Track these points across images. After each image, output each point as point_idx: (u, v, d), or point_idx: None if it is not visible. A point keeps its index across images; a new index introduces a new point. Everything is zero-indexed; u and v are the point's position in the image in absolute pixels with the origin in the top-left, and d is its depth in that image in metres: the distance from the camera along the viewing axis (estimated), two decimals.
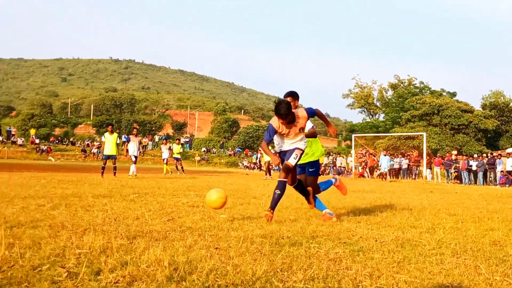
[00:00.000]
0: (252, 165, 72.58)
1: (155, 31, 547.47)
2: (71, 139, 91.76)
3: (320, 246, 5.76)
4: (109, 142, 24.03)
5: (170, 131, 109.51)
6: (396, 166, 46.12)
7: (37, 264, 4.20)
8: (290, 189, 8.57)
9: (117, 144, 24.57)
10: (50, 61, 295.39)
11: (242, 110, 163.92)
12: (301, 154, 8.39)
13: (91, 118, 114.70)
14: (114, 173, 24.39)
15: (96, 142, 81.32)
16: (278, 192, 8.27)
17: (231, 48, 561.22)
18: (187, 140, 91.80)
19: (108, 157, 24.37)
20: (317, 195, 9.03)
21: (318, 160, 9.21)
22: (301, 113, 8.22)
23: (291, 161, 8.16)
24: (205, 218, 8.07)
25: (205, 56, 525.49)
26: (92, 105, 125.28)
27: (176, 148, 32.60)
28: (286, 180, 8.35)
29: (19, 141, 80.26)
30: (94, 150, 76.33)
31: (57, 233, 5.86)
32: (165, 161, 32.57)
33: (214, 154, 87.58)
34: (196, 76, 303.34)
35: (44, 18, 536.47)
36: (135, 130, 29.74)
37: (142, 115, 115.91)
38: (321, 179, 9.55)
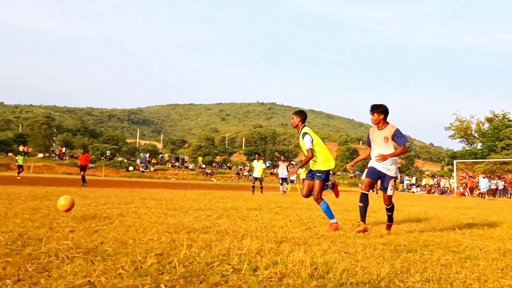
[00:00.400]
0: None
1: (292, 79, 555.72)
2: (228, 164, 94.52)
3: (432, 253, 5.58)
4: (258, 167, 24.62)
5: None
6: (493, 186, 43.80)
7: (209, 261, 4.36)
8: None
9: (263, 169, 24.98)
10: (213, 105, 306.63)
11: (361, 141, 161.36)
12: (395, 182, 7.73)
13: (243, 148, 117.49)
14: (261, 191, 24.77)
15: (247, 167, 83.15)
16: (361, 204, 7.62)
17: (353, 90, 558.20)
18: None
19: (256, 178, 24.84)
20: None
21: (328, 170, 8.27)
22: (391, 126, 7.67)
23: (389, 192, 7.60)
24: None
25: (330, 97, 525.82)
26: (243, 138, 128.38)
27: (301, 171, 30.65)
28: (367, 192, 7.60)
29: (190, 166, 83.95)
30: (246, 173, 78.09)
31: (222, 237, 6.05)
32: (290, 181, 30.75)
33: (338, 176, 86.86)
34: (323, 114, 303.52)
35: (209, 72, 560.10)
36: (283, 157, 29.89)
37: (282, 145, 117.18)
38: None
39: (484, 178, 42.95)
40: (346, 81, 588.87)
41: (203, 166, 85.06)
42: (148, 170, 75.85)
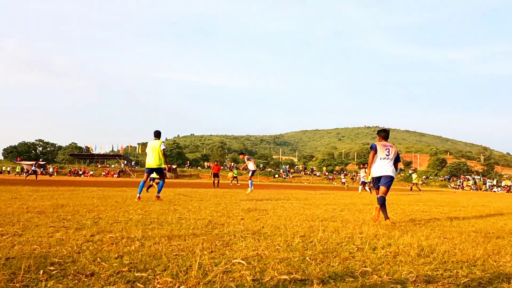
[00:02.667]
0: (457, 186, 65.09)
1: (391, 106, 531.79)
2: (344, 172, 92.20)
3: None
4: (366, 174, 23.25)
5: (402, 166, 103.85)
6: None
7: (339, 242, 4.24)
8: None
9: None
10: (332, 129, 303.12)
11: (448, 152, 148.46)
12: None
13: (355, 160, 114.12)
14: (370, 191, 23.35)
15: (359, 173, 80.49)
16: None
17: (440, 112, 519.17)
18: (413, 170, 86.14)
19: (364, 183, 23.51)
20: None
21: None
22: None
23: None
24: (432, 219, 7.41)
25: (421, 119, 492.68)
26: (355, 153, 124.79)
27: None
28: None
29: (317, 174, 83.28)
30: (357, 178, 75.60)
31: (346, 224, 5.87)
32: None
33: (431, 180, 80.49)
34: (416, 133, 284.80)
35: (329, 105, 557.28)
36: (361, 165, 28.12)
37: None
38: None
39: None
40: (436, 107, 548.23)
41: (326, 173, 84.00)
42: (288, 177, 76.56)
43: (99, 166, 78.02)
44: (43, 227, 4.58)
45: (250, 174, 16.12)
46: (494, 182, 60.27)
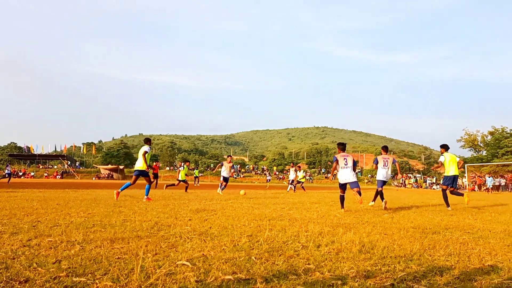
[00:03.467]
0: (399, 184, 68.34)
1: (339, 108, 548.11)
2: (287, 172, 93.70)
3: (452, 234, 5.23)
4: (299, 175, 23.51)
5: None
6: (497, 183, 40.78)
7: (285, 240, 4.31)
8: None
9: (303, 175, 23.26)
10: (282, 129, 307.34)
11: (391, 152, 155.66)
12: None
13: (305, 160, 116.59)
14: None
15: (308, 172, 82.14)
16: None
17: (385, 114, 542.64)
18: (359, 170, 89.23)
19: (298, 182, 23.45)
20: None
21: None
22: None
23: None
24: (374, 216, 7.73)
25: (367, 120, 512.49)
26: (305, 153, 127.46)
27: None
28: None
29: (268, 173, 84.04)
30: (308, 177, 77.11)
31: (293, 223, 5.97)
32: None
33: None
34: (363, 133, 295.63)
35: (279, 106, 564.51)
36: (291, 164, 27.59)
37: (332, 157, 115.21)
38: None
39: (489, 177, 40.82)
40: (381, 108, 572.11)
41: (277, 173, 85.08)
42: (239, 176, 76.70)
43: (40, 167, 74.04)
44: None
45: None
46: (434, 180, 63.83)
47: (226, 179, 16.66)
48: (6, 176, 28.06)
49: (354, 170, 8.89)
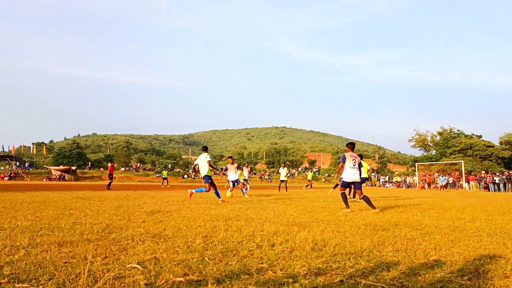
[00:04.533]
0: None
1: (297, 108, 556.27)
2: (254, 171, 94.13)
3: (400, 231, 5.44)
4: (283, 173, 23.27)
5: (307, 165, 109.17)
6: (445, 181, 42.88)
7: (240, 240, 4.33)
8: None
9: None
10: (241, 129, 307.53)
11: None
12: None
13: (264, 159, 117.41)
14: (286, 188, 23.52)
15: (267, 172, 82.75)
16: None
17: (343, 115, 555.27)
18: (317, 169, 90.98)
19: (283, 181, 23.16)
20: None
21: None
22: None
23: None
24: (330, 214, 7.91)
25: (324, 120, 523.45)
26: (264, 152, 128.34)
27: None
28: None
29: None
30: (266, 177, 77.60)
31: (249, 223, 6.00)
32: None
33: (333, 177, 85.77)
34: (320, 133, 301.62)
35: (238, 106, 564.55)
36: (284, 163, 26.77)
37: (291, 156, 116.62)
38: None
39: (442, 176, 42.99)
40: (337, 109, 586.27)
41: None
42: (198, 177, 76.00)
43: None
44: None
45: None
46: (387, 179, 66.14)
47: (234, 182, 15.86)
48: None
49: (360, 172, 9.00)
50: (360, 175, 9.07)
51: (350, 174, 8.84)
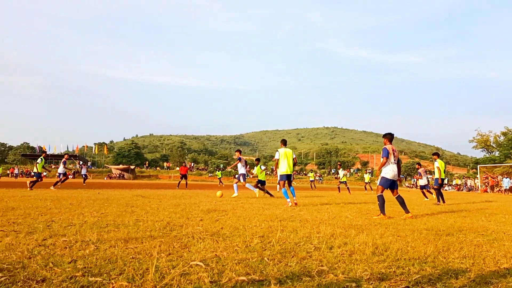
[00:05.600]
0: (411, 185, 67.80)
1: (349, 108, 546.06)
2: (304, 172, 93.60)
3: (466, 236, 5.16)
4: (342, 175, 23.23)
5: (359, 166, 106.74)
6: (510, 185, 40.18)
7: (297, 242, 4.30)
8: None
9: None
10: (291, 130, 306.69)
11: (403, 152, 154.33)
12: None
13: (314, 160, 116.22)
14: (348, 190, 22.90)
15: (318, 173, 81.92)
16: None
17: (396, 114, 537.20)
18: (370, 171, 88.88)
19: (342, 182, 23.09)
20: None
21: None
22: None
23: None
24: (387, 217, 7.66)
25: (378, 120, 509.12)
26: (314, 153, 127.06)
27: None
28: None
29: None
30: (317, 178, 76.84)
31: (304, 224, 5.96)
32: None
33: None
34: (373, 133, 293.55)
35: (289, 106, 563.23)
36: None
37: (343, 157, 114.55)
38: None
39: (506, 178, 40.25)
40: (391, 108, 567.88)
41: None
42: (249, 177, 76.75)
43: (53, 167, 74.85)
44: None
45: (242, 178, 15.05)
46: (446, 181, 63.28)
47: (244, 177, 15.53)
48: (83, 176, 27.20)
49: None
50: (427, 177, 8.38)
51: (392, 170, 7.76)
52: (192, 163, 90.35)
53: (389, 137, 8.05)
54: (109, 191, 16.41)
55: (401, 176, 12.90)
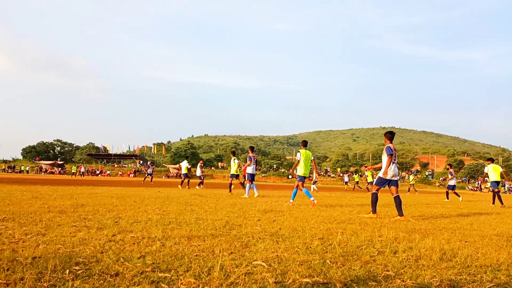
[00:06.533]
0: (475, 188, 64.11)
1: (407, 107, 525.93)
2: (359, 174, 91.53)
3: None
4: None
5: (418, 168, 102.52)
6: None
7: (358, 245, 4.21)
8: None
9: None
10: (346, 130, 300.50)
11: (465, 154, 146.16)
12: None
13: (370, 161, 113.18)
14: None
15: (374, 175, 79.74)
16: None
17: (457, 114, 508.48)
18: (430, 173, 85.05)
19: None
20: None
21: None
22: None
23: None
24: (452, 222, 7.30)
25: (438, 120, 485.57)
26: (370, 154, 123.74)
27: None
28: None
29: (332, 175, 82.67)
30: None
31: (364, 227, 5.82)
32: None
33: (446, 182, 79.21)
34: (433, 134, 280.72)
35: (342, 105, 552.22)
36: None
37: (401, 158, 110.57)
38: None
39: None
40: (453, 107, 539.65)
41: (341, 174, 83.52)
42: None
43: (115, 165, 78.94)
44: (65, 227, 4.66)
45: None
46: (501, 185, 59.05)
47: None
48: (148, 175, 29.89)
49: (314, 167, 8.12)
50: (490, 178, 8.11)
51: (392, 170, 7.66)
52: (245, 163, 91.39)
53: (389, 136, 7.87)
54: (168, 190, 17.01)
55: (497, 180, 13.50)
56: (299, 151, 10.34)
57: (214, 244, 3.89)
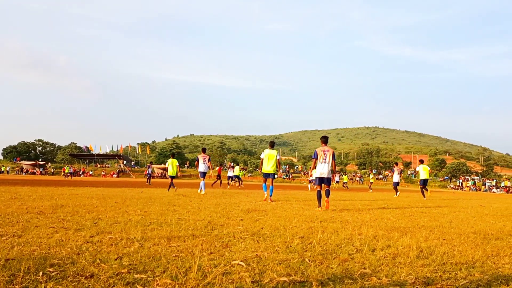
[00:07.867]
0: (456, 187, 65.19)
1: (391, 107, 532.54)
2: (344, 172, 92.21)
3: None
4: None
5: (401, 167, 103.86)
6: None
7: (338, 243, 4.24)
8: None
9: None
10: (331, 130, 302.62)
11: (447, 153, 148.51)
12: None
13: (354, 160, 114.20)
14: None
15: (358, 174, 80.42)
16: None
17: (440, 113, 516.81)
18: (413, 172, 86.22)
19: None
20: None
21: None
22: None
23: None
24: (431, 220, 7.41)
25: (421, 119, 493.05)
26: (355, 153, 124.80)
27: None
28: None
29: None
30: (358, 179, 75.50)
31: (345, 226, 5.87)
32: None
33: (430, 180, 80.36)
34: (416, 133, 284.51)
35: (329, 106, 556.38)
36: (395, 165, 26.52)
37: (384, 158, 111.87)
38: None
39: None
40: (436, 107, 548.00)
41: None
42: (287, 177, 76.46)
43: (98, 166, 77.91)
44: (42, 228, 4.59)
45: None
46: (494, 183, 60.29)
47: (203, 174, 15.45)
48: (148, 175, 29.91)
49: (333, 166, 9.20)
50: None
51: (319, 169, 9.08)
52: (232, 163, 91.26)
53: (323, 139, 9.43)
54: (151, 190, 16.88)
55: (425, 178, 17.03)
56: (263, 151, 11.64)
57: (194, 244, 3.88)
